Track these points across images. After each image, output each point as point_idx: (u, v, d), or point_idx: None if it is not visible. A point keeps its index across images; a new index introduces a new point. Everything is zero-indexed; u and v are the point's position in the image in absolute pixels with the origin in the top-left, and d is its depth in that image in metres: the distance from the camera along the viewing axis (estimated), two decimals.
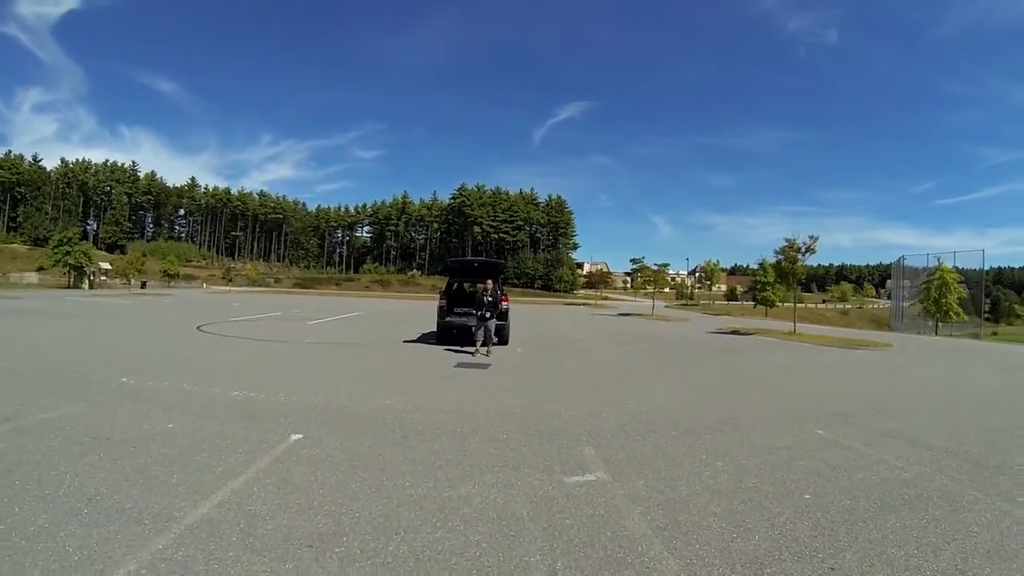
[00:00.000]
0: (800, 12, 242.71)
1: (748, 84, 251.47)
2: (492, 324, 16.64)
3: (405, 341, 19.45)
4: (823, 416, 9.30)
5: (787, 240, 30.93)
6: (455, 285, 21.12)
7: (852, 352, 21.91)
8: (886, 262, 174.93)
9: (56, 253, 67.67)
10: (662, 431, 7.98)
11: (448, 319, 19.00)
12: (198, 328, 22.12)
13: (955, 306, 39.93)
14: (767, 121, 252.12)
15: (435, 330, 19.57)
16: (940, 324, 42.08)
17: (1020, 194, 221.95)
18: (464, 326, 18.33)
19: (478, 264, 21.72)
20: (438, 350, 17.07)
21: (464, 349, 17.00)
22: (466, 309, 19.46)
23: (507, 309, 18.24)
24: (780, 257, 31.54)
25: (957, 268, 41.92)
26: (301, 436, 7.12)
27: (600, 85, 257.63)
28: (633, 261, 57.74)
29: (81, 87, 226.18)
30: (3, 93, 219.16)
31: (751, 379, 14.29)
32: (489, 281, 17.18)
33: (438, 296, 20.63)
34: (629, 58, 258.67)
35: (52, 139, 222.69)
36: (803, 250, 30.32)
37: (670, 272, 60.03)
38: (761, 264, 58.07)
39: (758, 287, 59.80)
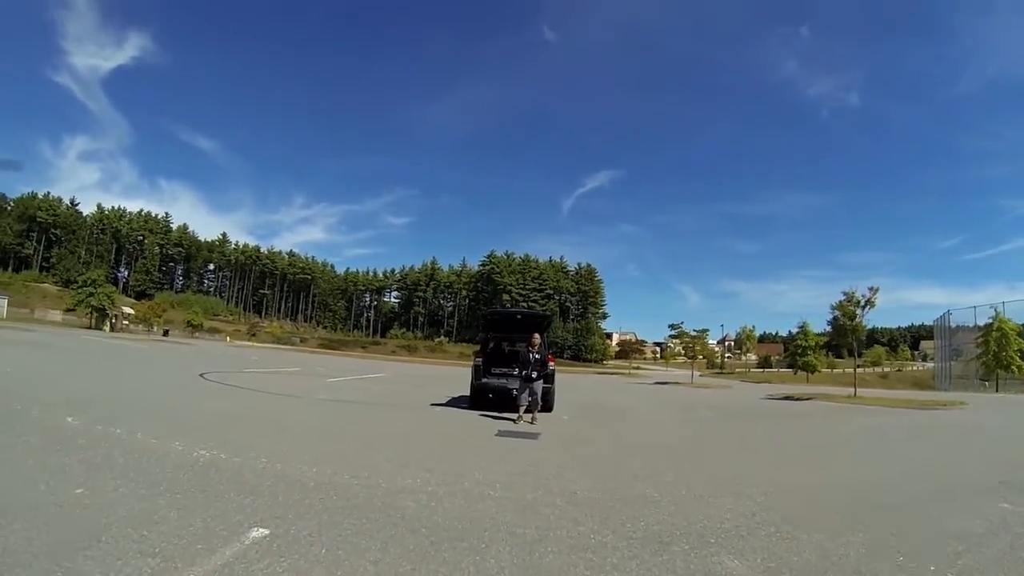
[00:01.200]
0: (822, 76, 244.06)
1: (771, 149, 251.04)
2: (539, 387, 13.88)
3: (433, 404, 16.54)
4: (982, 486, 7.76)
5: (845, 293, 28.10)
6: (492, 343, 18.13)
7: (932, 412, 20.30)
8: (916, 323, 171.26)
9: (80, 293, 66.57)
10: (811, 523, 5.63)
11: (484, 380, 16.01)
12: (201, 375, 19.61)
13: (1017, 358, 36.26)
14: (790, 185, 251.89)
15: (467, 394, 16.69)
16: (999, 380, 38.59)
17: None
18: (503, 389, 15.52)
19: (521, 316, 18.86)
20: (472, 415, 14.21)
21: (504, 416, 14.15)
22: (505, 369, 16.59)
23: (554, 371, 15.37)
24: (836, 313, 28.69)
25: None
26: (266, 533, 4.39)
27: (626, 153, 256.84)
28: (671, 327, 54.93)
29: (125, 139, 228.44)
30: (51, 139, 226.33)
31: (850, 447, 12.44)
32: (536, 336, 14.51)
33: (472, 356, 17.61)
34: (654, 126, 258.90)
35: (94, 187, 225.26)
36: (863, 303, 27.49)
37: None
38: (801, 327, 56.32)
39: (798, 352, 56.90)
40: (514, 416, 13.62)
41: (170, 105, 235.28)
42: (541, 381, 13.92)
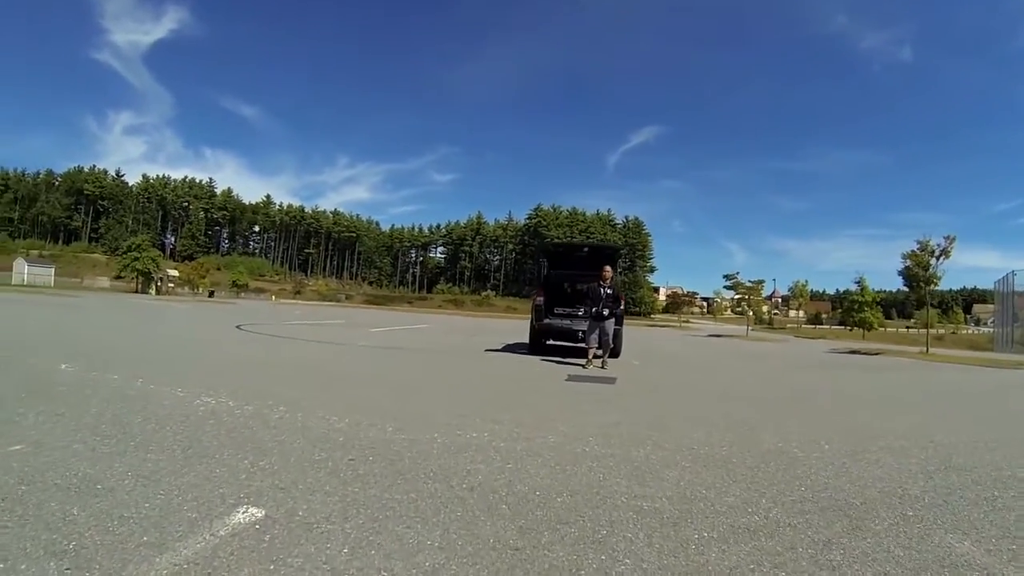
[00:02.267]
0: (873, 29, 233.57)
1: (820, 105, 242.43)
2: (611, 326, 12.15)
3: (487, 350, 14.93)
4: None
5: (919, 242, 25.94)
6: (554, 280, 16.22)
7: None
8: (969, 286, 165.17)
9: (125, 258, 66.51)
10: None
11: (547, 320, 14.25)
12: (237, 327, 18.26)
13: None
14: (840, 142, 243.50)
15: (523, 342, 15.04)
16: None
17: None
18: (568, 330, 13.91)
19: (589, 249, 16.82)
20: (534, 360, 12.53)
21: (568, 361, 12.50)
22: (569, 309, 15.01)
23: (624, 311, 13.58)
24: (908, 263, 26.46)
25: None
26: (259, 515, 2.77)
27: (672, 109, 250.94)
28: (727, 277, 52.96)
29: (168, 111, 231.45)
30: (97, 115, 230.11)
31: (973, 400, 10.86)
32: (607, 268, 12.67)
33: (532, 296, 15.84)
34: (700, 81, 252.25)
35: (140, 160, 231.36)
36: (938, 254, 25.29)
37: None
38: (858, 282, 54.21)
39: (854, 307, 54.46)
40: (582, 361, 12.01)
41: (211, 75, 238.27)
42: (613, 320, 12.25)
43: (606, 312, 11.96)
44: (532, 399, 7.06)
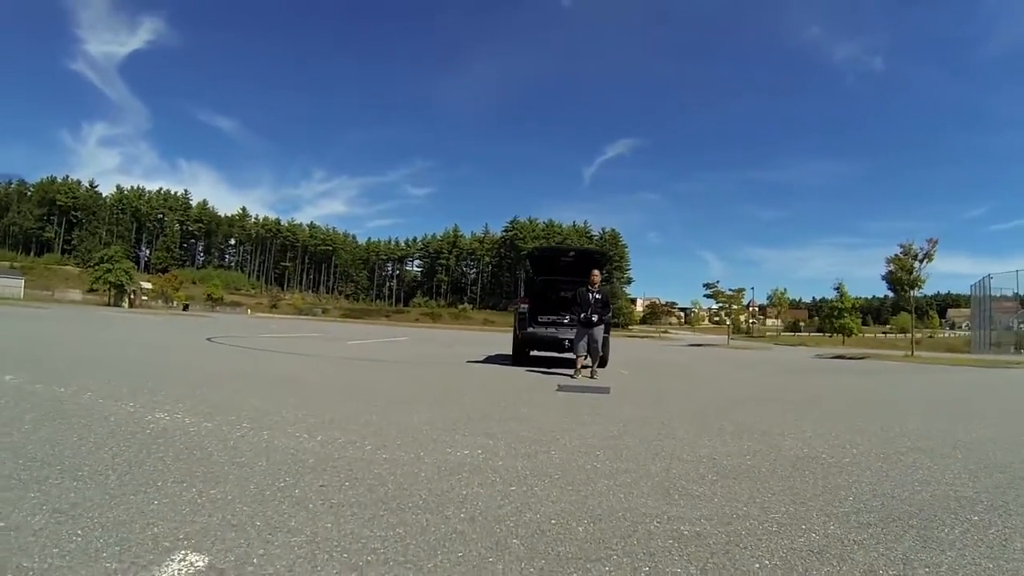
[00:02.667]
0: (846, 40, 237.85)
1: (794, 115, 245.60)
2: (599, 333, 11.58)
3: (469, 361, 14.30)
4: None
5: (901, 246, 26.08)
6: (539, 287, 15.59)
7: (1009, 371, 19.15)
8: (943, 291, 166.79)
9: (97, 270, 65.13)
10: None
11: (531, 329, 13.62)
12: (208, 339, 17.48)
13: None
14: (814, 152, 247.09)
15: (504, 353, 14.44)
16: None
17: None
18: (553, 339, 13.30)
19: (575, 254, 16.19)
20: (519, 372, 11.86)
21: (555, 371, 11.90)
22: (554, 317, 14.36)
23: (611, 319, 13.02)
24: (891, 267, 26.45)
25: None
26: (201, 565, 2.10)
27: (647, 121, 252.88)
28: (707, 286, 52.92)
29: (143, 122, 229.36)
30: (71, 127, 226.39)
31: (980, 399, 10.97)
32: (596, 272, 12.15)
33: (516, 304, 15.04)
34: (675, 93, 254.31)
35: (115, 171, 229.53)
36: (920, 257, 25.30)
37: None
38: (837, 289, 55.74)
39: (833, 314, 55.22)
40: (569, 371, 11.43)
41: (187, 86, 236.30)
42: (602, 327, 11.71)
43: (595, 318, 11.45)
44: (524, 411, 6.41)
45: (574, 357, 11.64)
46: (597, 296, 11.66)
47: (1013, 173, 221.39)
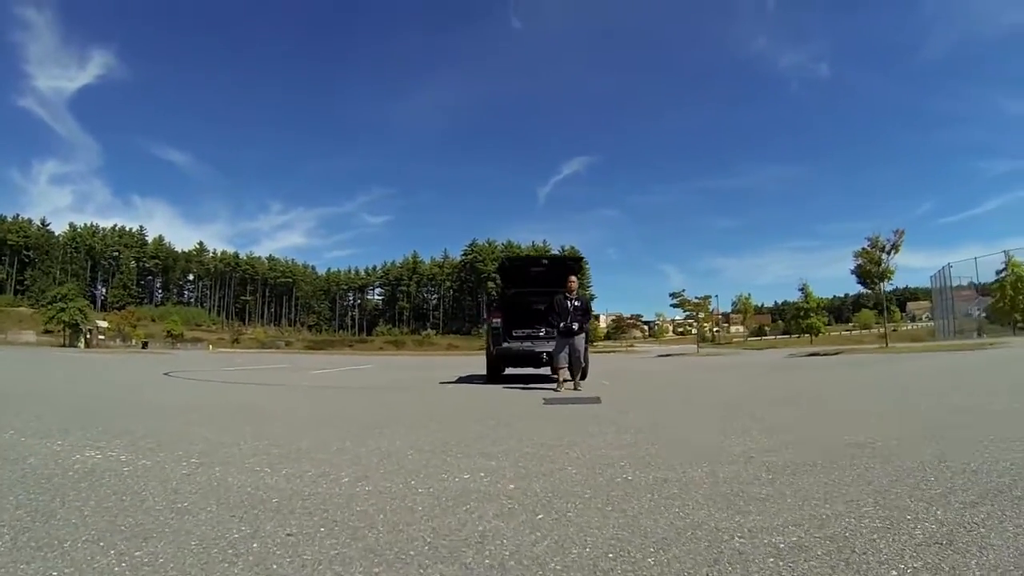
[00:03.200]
0: (791, 49, 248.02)
1: (744, 124, 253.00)
2: (581, 343, 11.03)
3: (442, 383, 13.51)
4: None
5: (868, 239, 26.20)
6: (511, 299, 14.62)
7: (984, 351, 20.07)
8: (900, 286, 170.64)
9: (51, 309, 62.98)
10: None
11: (506, 344, 12.94)
12: (165, 374, 16.49)
13: None
14: (766, 158, 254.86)
15: (476, 374, 13.70)
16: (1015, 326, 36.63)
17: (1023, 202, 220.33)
18: (530, 354, 12.65)
19: (548, 262, 15.33)
20: (496, 389, 11.07)
21: (535, 387, 11.22)
22: (529, 331, 13.61)
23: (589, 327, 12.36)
24: (860, 261, 26.49)
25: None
26: None
27: (600, 138, 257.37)
28: (673, 295, 53.01)
29: (96, 159, 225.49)
30: (21, 165, 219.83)
31: (971, 377, 11.09)
32: (573, 278, 11.62)
33: (487, 317, 14.46)
34: (626, 109, 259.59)
35: (67, 210, 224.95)
36: (887, 248, 25.36)
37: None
38: (802, 289, 56.68)
39: (800, 314, 55.98)
40: (552, 386, 10.73)
41: (139, 121, 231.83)
42: (583, 336, 11.12)
43: (576, 326, 10.89)
44: (518, 426, 5.66)
45: (551, 373, 11.08)
46: (576, 303, 11.10)
47: (957, 168, 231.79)
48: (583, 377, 11.69)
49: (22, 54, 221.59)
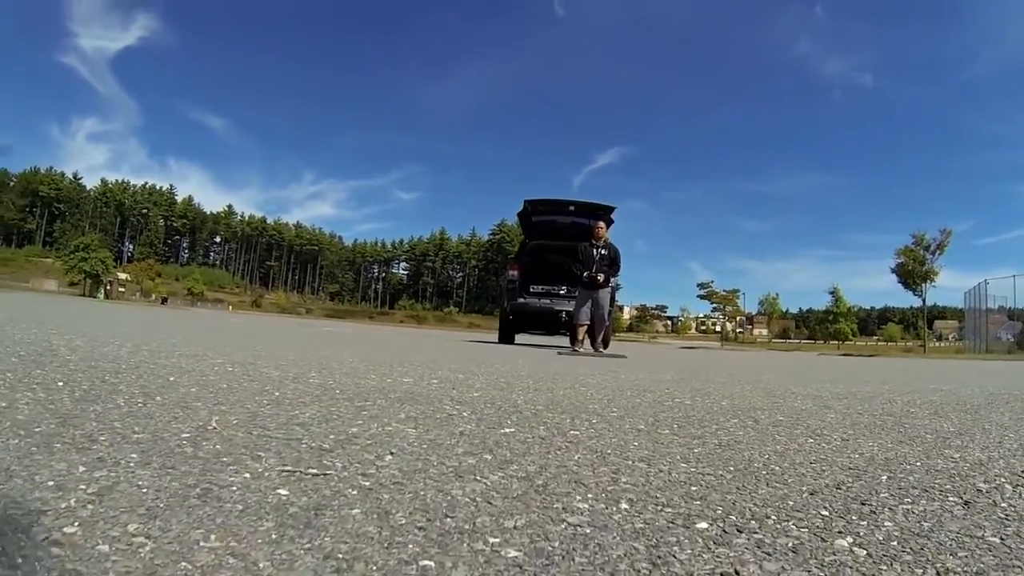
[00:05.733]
0: (835, 57, 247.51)
1: (783, 128, 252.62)
2: (605, 298, 9.78)
3: (461, 341, 12.99)
4: None
5: (913, 236, 25.00)
6: (532, 250, 13.33)
7: None
8: (929, 303, 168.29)
9: (72, 258, 63.14)
10: None
11: (522, 299, 11.99)
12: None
13: None
14: (801, 165, 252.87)
15: (491, 341, 12.81)
16: None
17: None
18: (548, 313, 11.72)
19: (575, 208, 12.99)
20: (511, 347, 10.40)
21: (552, 346, 10.56)
22: (549, 287, 12.41)
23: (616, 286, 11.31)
24: (902, 259, 25.36)
25: None
26: None
27: (637, 130, 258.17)
28: (701, 285, 52.33)
29: (134, 119, 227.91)
30: (60, 120, 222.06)
31: None
32: (601, 224, 10.22)
33: (506, 273, 13.22)
34: (666, 103, 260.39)
35: (103, 168, 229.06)
36: (933, 248, 24.25)
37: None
38: (833, 293, 55.58)
39: (829, 319, 54.55)
40: (566, 347, 10.00)
41: (179, 85, 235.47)
42: (608, 291, 9.84)
43: (601, 278, 9.59)
44: (551, 369, 5.13)
45: (569, 336, 10.20)
46: (603, 252, 9.80)
47: (994, 191, 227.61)
48: (605, 344, 10.67)
49: (68, 13, 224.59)
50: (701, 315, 53.89)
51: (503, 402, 2.60)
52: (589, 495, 1.28)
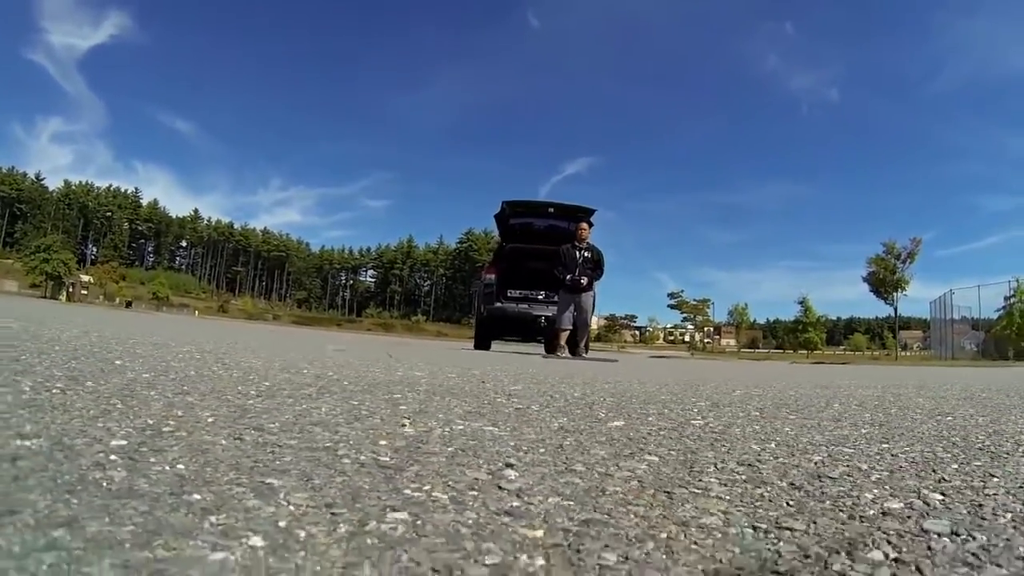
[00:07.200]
0: (804, 71, 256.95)
1: (751, 141, 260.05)
2: (589, 302, 9.78)
3: (440, 348, 12.81)
4: None
5: (884, 244, 25.37)
6: (509, 253, 12.98)
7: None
8: (894, 314, 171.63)
9: (32, 259, 61.82)
10: None
11: (499, 304, 11.74)
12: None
13: None
14: (769, 176, 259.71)
15: (465, 349, 12.54)
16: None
17: (1022, 241, 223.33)
18: (526, 318, 11.55)
19: (555, 210, 12.67)
20: (490, 354, 10.06)
21: (531, 353, 10.43)
22: (527, 292, 12.13)
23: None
24: (872, 268, 25.72)
25: None
26: None
27: (606, 141, 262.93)
28: (671, 295, 52.94)
29: (100, 121, 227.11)
30: (24, 120, 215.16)
31: None
32: (584, 225, 10.16)
33: (482, 277, 13.05)
34: (635, 115, 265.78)
35: (67, 169, 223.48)
36: (903, 257, 24.65)
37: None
38: (801, 303, 55.84)
39: (798, 328, 55.15)
40: (544, 353, 9.90)
41: (148, 86, 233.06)
42: (591, 294, 9.81)
43: (584, 281, 9.52)
44: (547, 374, 5.05)
45: (546, 346, 10.14)
46: (586, 255, 9.74)
47: (957, 202, 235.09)
48: (586, 349, 10.68)
49: (38, 7, 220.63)
50: (670, 325, 53.98)
51: (556, 395, 2.54)
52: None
